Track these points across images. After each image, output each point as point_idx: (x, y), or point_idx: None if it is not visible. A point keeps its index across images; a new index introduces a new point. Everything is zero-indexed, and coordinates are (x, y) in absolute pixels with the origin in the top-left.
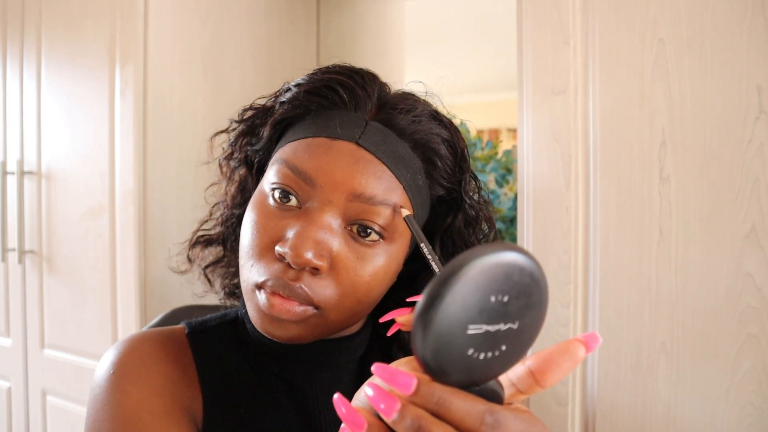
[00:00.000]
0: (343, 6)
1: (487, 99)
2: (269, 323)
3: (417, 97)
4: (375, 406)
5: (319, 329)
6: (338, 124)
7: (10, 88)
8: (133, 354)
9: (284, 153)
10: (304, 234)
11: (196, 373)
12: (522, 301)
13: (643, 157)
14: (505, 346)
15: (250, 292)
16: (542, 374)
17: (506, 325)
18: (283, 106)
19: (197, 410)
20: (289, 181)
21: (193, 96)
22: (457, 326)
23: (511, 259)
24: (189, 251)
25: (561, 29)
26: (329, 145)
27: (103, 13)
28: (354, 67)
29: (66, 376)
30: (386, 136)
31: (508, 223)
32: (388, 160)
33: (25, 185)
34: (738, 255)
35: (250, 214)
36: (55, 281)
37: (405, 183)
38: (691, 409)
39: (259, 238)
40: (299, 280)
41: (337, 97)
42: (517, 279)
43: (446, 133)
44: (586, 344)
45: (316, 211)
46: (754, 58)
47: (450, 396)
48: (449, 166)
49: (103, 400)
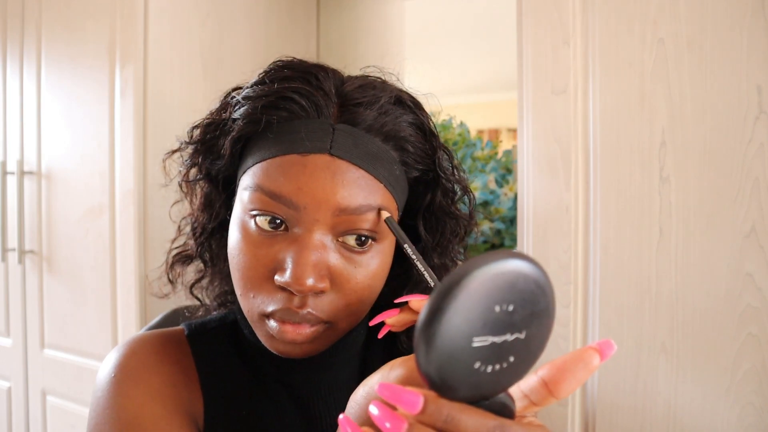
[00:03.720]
0: (343, 6)
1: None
2: (283, 346)
3: (375, 82)
4: (380, 426)
5: (331, 338)
6: (306, 137)
7: (10, 88)
8: (134, 357)
9: (256, 177)
10: (301, 261)
11: (197, 375)
12: (528, 309)
13: (643, 157)
14: (513, 357)
15: (257, 321)
16: (556, 384)
17: (513, 335)
18: (239, 123)
19: (198, 412)
20: (269, 207)
21: (193, 96)
22: (462, 339)
23: (515, 266)
24: (169, 272)
25: (561, 29)
26: (302, 162)
27: (103, 13)
28: (303, 63)
29: (66, 376)
30: (355, 137)
31: (508, 223)
32: (362, 162)
33: (25, 185)
34: (738, 255)
35: (237, 242)
36: (55, 281)
37: (383, 179)
38: (691, 409)
39: (254, 268)
40: (305, 306)
41: (297, 106)
42: (522, 287)
43: (412, 116)
44: (600, 352)
45: (306, 234)
46: (754, 58)
47: (458, 413)
48: (421, 148)
49: (105, 404)
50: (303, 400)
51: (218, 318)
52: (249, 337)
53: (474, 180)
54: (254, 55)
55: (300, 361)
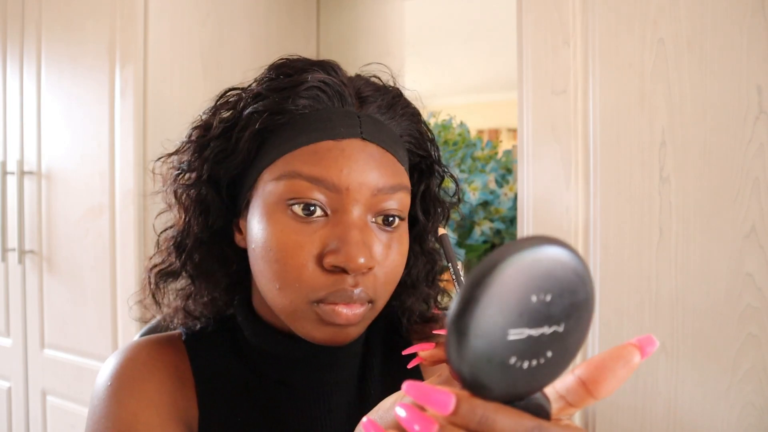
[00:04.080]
0: (343, 6)
1: (487, 99)
2: (333, 331)
3: (374, 80)
4: (408, 428)
5: (368, 320)
6: (338, 124)
7: (10, 88)
8: (130, 364)
9: (290, 165)
10: (352, 240)
11: (193, 380)
12: (566, 300)
13: (643, 157)
14: (551, 352)
15: (303, 311)
16: (595, 384)
17: (551, 327)
18: (258, 116)
19: (193, 418)
20: (309, 192)
21: (193, 96)
22: (496, 332)
23: (552, 253)
24: (154, 292)
25: (561, 29)
26: (339, 147)
27: (103, 13)
28: (316, 60)
29: (66, 376)
30: (378, 124)
31: (508, 223)
32: (388, 146)
33: (25, 185)
34: (738, 255)
35: (269, 236)
36: (55, 281)
37: (404, 163)
38: (691, 409)
39: (298, 256)
40: (358, 285)
41: (325, 95)
42: (560, 275)
43: (412, 108)
44: (641, 349)
45: (349, 214)
46: (754, 58)
47: (493, 413)
48: (418, 137)
49: (101, 412)
50: (303, 401)
51: (216, 321)
52: (250, 338)
53: (474, 180)
54: (254, 55)
55: (301, 361)
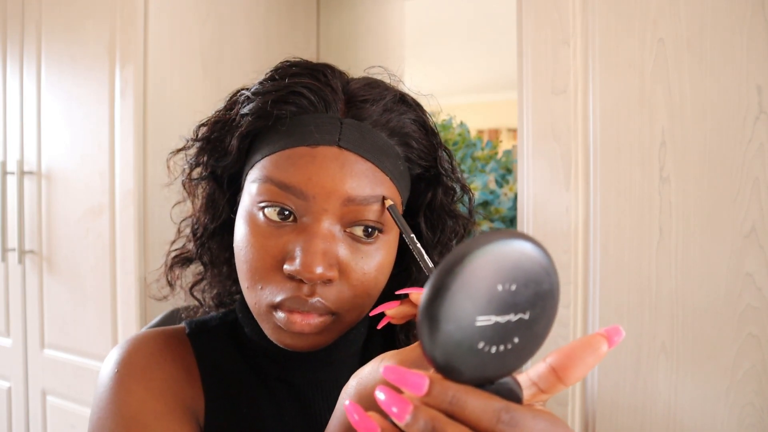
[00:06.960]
0: (343, 6)
1: (487, 99)
2: (290, 338)
3: (378, 81)
4: (387, 409)
5: (337, 332)
6: (315, 130)
7: (10, 88)
8: (138, 353)
9: (265, 169)
10: (311, 249)
11: (198, 372)
12: (531, 290)
13: (643, 157)
14: (518, 338)
15: (265, 313)
16: (565, 371)
17: (516, 315)
18: (248, 118)
19: (199, 409)
20: (278, 197)
21: (193, 96)
22: (465, 318)
23: (519, 246)
24: (168, 274)
25: (561, 29)
26: (312, 154)
27: (103, 13)
28: (310, 63)
29: (66, 376)
30: (362, 131)
31: (508, 223)
32: (369, 155)
33: (25, 185)
34: (738, 255)
35: (244, 235)
36: (55, 281)
37: (389, 172)
38: (691, 409)
39: (263, 259)
40: (314, 294)
41: (306, 101)
42: (526, 267)
43: (414, 114)
44: (608, 338)
45: (315, 223)
46: (754, 58)
47: (464, 395)
48: (424, 145)
49: (108, 399)
50: (303, 398)
51: (219, 317)
52: (250, 335)
53: (474, 180)
54: (254, 55)
55: (301, 359)
